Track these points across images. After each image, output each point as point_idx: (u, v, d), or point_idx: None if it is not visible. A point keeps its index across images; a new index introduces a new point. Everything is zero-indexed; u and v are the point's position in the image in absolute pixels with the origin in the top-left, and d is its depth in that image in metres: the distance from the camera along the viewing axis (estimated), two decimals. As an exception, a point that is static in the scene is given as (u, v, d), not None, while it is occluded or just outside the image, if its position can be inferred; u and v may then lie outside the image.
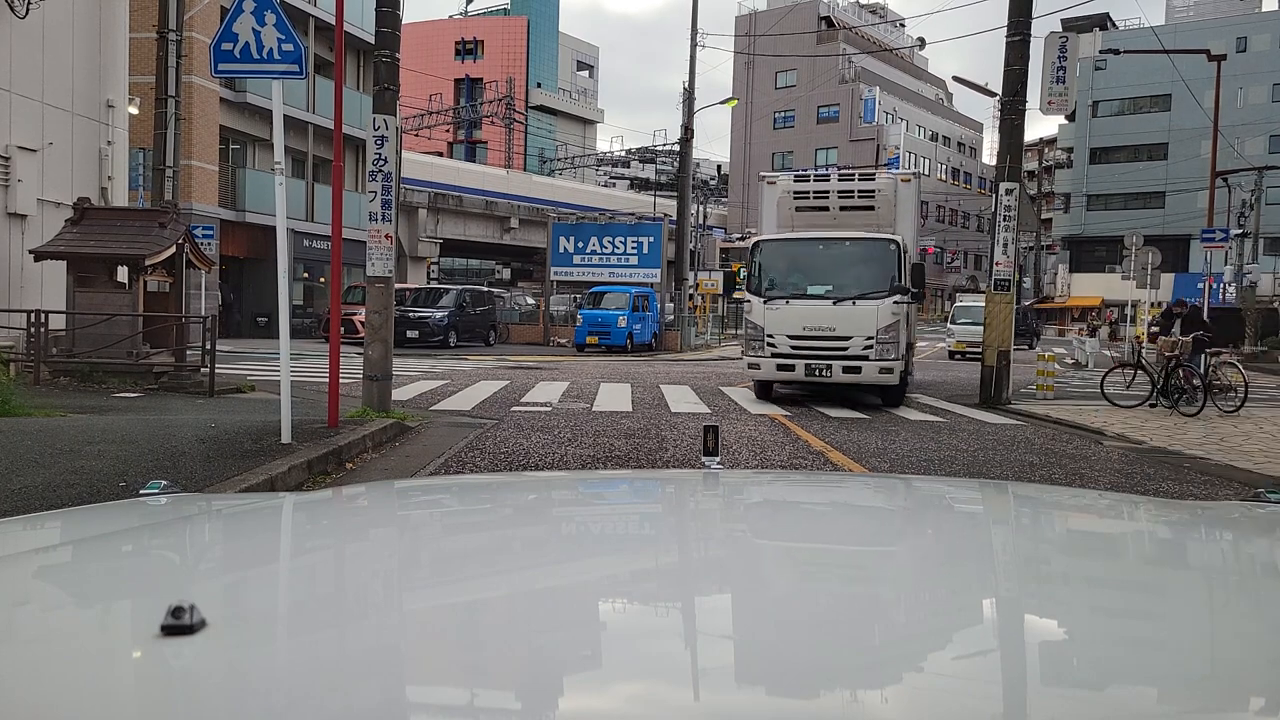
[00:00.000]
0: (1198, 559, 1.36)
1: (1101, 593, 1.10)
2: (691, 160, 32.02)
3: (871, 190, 13.73)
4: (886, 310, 12.21)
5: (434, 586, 1.11)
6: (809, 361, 12.41)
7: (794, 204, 13.84)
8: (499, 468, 7.48)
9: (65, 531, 1.39)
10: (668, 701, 0.75)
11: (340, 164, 9.05)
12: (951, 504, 1.77)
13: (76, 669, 0.76)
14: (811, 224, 13.62)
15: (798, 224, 13.72)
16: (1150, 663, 0.85)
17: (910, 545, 1.42)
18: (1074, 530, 1.55)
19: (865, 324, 12.22)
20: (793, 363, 12.46)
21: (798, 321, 12.37)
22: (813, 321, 12.32)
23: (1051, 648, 0.89)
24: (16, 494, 5.23)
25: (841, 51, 59.30)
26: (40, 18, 12.95)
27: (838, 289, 12.50)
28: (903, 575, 1.19)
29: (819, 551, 1.33)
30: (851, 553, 1.32)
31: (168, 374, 12.17)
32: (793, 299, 12.48)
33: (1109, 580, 1.17)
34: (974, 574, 1.20)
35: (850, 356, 12.28)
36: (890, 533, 1.52)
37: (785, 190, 14.01)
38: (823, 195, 13.86)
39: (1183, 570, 1.28)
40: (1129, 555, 1.37)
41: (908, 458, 8.56)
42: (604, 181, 68.71)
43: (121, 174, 15.33)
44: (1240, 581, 1.21)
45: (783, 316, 12.46)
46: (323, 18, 27.99)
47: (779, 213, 13.98)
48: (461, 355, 23.08)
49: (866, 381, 12.40)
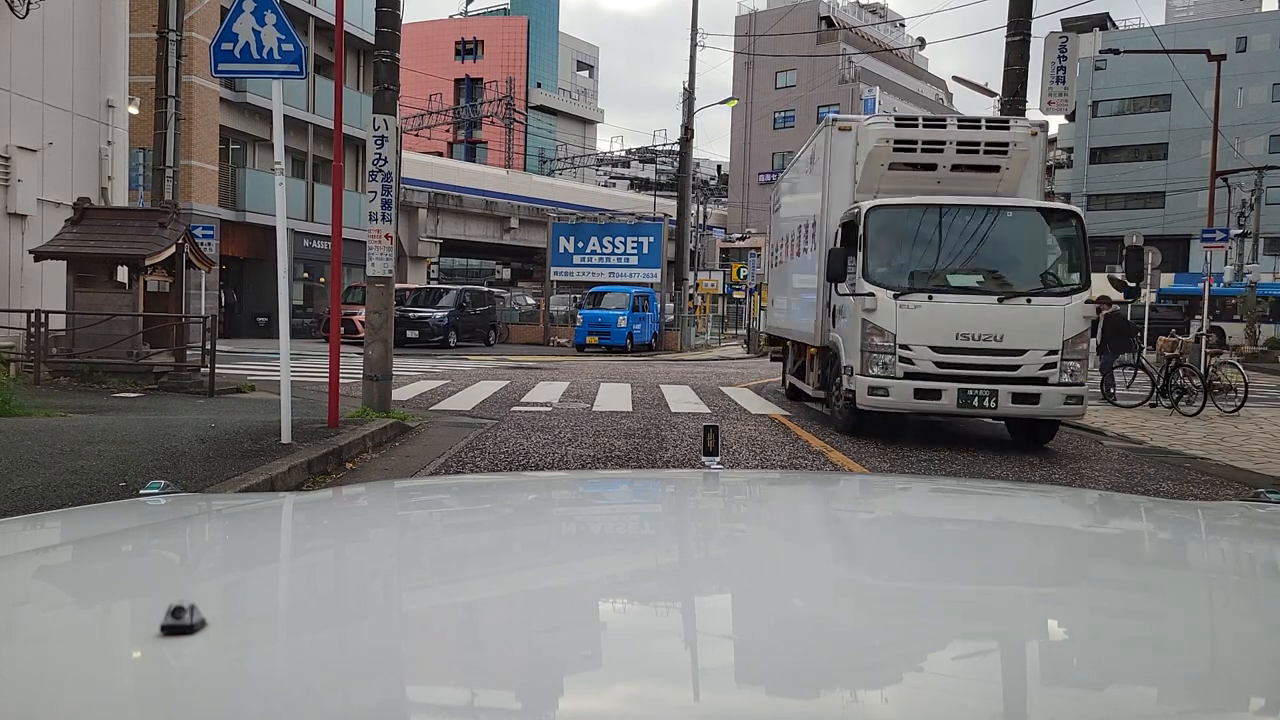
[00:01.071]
0: (1198, 559, 1.36)
1: (1101, 593, 1.10)
2: (691, 160, 32.04)
3: (1004, 145, 9.91)
4: (1076, 313, 8.80)
5: (434, 586, 1.11)
6: (964, 386, 8.66)
7: (890, 159, 9.94)
8: (499, 468, 7.48)
9: (65, 531, 1.39)
10: (668, 701, 0.75)
11: (340, 164, 9.05)
12: (951, 504, 1.77)
13: (76, 669, 0.76)
14: (908, 186, 9.78)
15: (887, 187, 9.86)
16: (1150, 663, 0.85)
17: (910, 545, 1.42)
18: (1074, 530, 1.55)
19: (1048, 332, 8.73)
20: (939, 387, 8.69)
21: (949, 327, 8.71)
22: (970, 327, 8.70)
23: (1051, 648, 0.89)
24: (16, 494, 5.23)
25: (841, 51, 59.29)
26: (40, 18, 12.95)
27: (999, 281, 9.07)
28: (902, 575, 1.19)
29: (819, 551, 1.33)
30: (851, 552, 1.32)
31: (168, 374, 12.17)
32: (939, 293, 8.81)
33: (1109, 580, 1.17)
34: (974, 574, 1.20)
35: (1024, 379, 8.70)
36: (890, 532, 1.52)
37: (881, 139, 9.93)
38: (935, 148, 9.89)
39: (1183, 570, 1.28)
40: (1129, 555, 1.37)
41: (907, 458, 8.56)
42: (604, 181, 68.70)
43: (121, 174, 15.33)
44: (1240, 581, 1.21)
45: (926, 319, 8.74)
46: (323, 18, 27.99)
47: (862, 171, 10.06)
48: (461, 355, 23.08)
49: (1045, 415, 8.98)
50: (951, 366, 8.73)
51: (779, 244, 14.88)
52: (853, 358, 9.11)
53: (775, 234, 15.58)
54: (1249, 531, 1.47)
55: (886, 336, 8.82)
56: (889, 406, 8.94)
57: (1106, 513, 1.72)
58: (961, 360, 8.72)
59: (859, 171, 10.09)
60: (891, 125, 10.17)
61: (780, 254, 14.58)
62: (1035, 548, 1.41)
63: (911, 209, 9.28)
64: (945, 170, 9.96)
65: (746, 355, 28.16)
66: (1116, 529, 1.55)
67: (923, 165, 9.98)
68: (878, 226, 9.13)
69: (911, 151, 9.92)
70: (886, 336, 8.82)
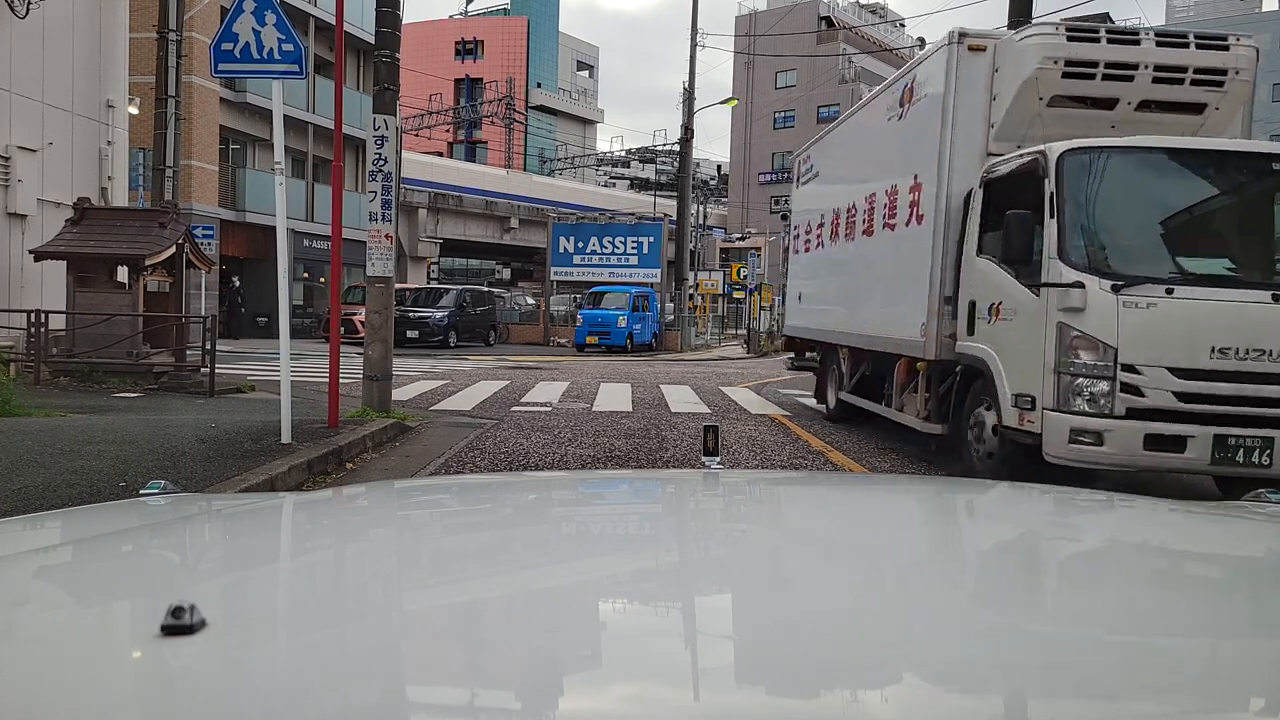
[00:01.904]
0: (1198, 559, 1.36)
1: (1101, 593, 1.10)
2: (691, 160, 32.03)
3: (1220, 74, 7.04)
4: None
5: (434, 586, 1.11)
6: (1225, 431, 5.71)
7: (1054, 89, 6.99)
8: (499, 468, 7.48)
9: (65, 531, 1.39)
10: (668, 701, 0.75)
11: (340, 164, 9.05)
12: (952, 504, 1.77)
13: (76, 669, 0.76)
14: (1070, 131, 6.70)
15: (1042, 132, 6.89)
16: (1150, 663, 0.85)
17: (910, 545, 1.42)
18: (1074, 530, 1.55)
19: None
20: (1184, 432, 5.72)
21: (1199, 337, 5.74)
22: (1233, 338, 5.72)
23: (1051, 648, 0.89)
24: (16, 494, 5.23)
25: (841, 51, 59.29)
26: (40, 18, 12.95)
27: (1272, 269, 6.22)
28: (903, 575, 1.19)
29: (819, 551, 1.33)
30: (852, 553, 1.32)
31: (168, 374, 12.17)
32: (1183, 285, 5.80)
33: (1109, 580, 1.17)
34: (974, 573, 1.20)
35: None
36: (890, 532, 1.51)
37: (1046, 58, 6.90)
38: (1122, 73, 6.93)
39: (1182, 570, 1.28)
40: (1129, 555, 1.37)
41: (907, 458, 8.56)
42: (604, 181, 68.70)
43: (121, 174, 15.33)
44: (1240, 581, 1.21)
45: (1163, 326, 5.78)
46: (323, 18, 27.99)
47: (1008, 109, 7.16)
48: (461, 355, 23.08)
49: None
50: (1203, 400, 5.72)
51: (811, 224, 11.85)
52: (1032, 382, 6.13)
53: (805, 211, 12.44)
54: (1249, 531, 1.47)
55: (1100, 351, 5.80)
56: (1103, 460, 5.85)
57: (1108, 513, 1.72)
58: (1220, 391, 5.71)
59: (999, 110, 7.18)
60: (1061, 38, 6.98)
61: (817, 235, 11.53)
62: (1036, 547, 1.41)
63: (1141, 155, 6.25)
64: (1128, 108, 7.04)
65: (746, 355, 28.17)
66: (1117, 529, 1.55)
67: (1098, 100, 7.02)
68: (1086, 181, 6.12)
69: (1088, 79, 6.94)
70: (1100, 351, 5.80)
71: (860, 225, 9.59)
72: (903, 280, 8.21)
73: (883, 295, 8.89)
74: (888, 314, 8.59)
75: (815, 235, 11.66)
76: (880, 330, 8.78)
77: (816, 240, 11.58)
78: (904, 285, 8.17)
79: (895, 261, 8.50)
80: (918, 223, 7.88)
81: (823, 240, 11.25)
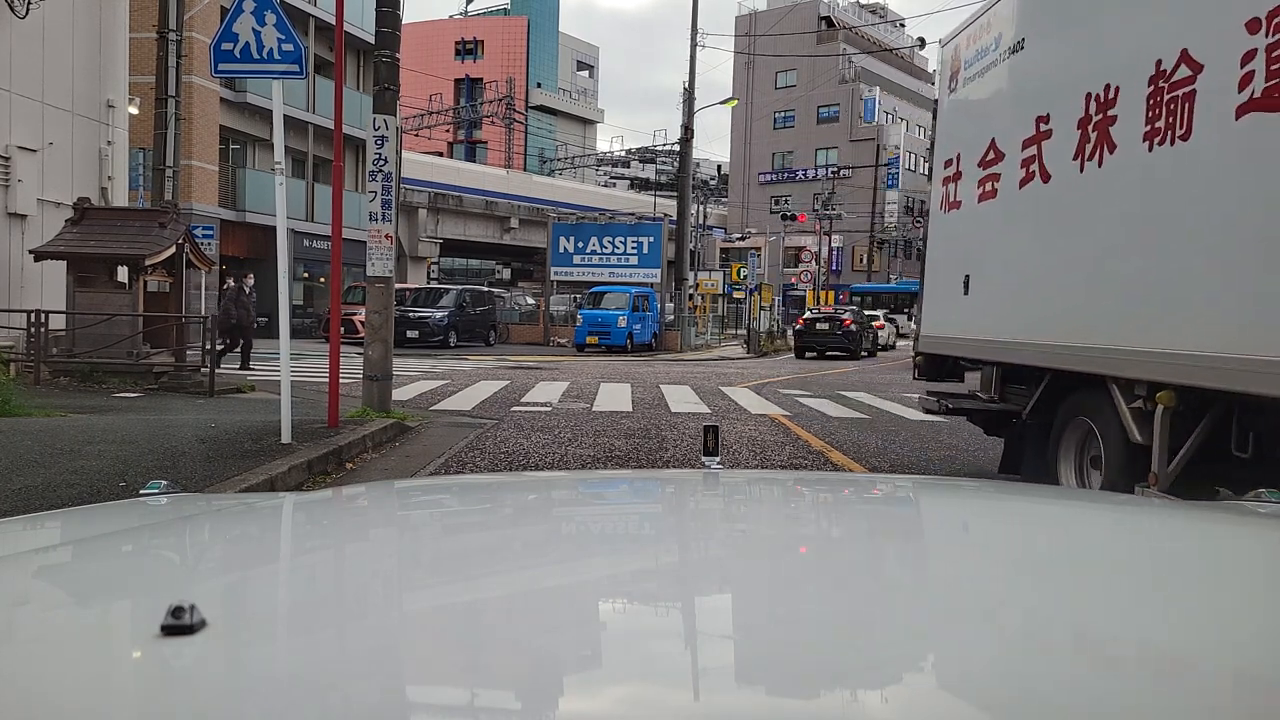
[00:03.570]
0: (1197, 559, 1.36)
1: (1101, 593, 1.10)
2: (691, 160, 32.03)
3: None
4: None
5: (434, 586, 1.11)
6: None
7: None
8: (499, 468, 7.48)
9: (65, 531, 1.39)
10: (668, 702, 0.75)
11: (340, 164, 9.05)
12: (952, 503, 1.77)
13: (76, 669, 0.76)
14: None
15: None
16: (1149, 663, 0.85)
17: (911, 545, 1.42)
18: (1074, 530, 1.55)
19: None
20: None
21: None
22: None
23: (1050, 648, 0.89)
24: (16, 494, 5.23)
25: (841, 51, 59.30)
26: (40, 18, 12.95)
27: None
28: (903, 575, 1.19)
29: (819, 551, 1.33)
30: (852, 552, 1.32)
31: (168, 374, 12.18)
32: None
33: (1109, 580, 1.17)
34: (974, 574, 1.20)
35: None
36: (891, 532, 1.51)
37: None
38: None
39: (1182, 570, 1.28)
40: (1129, 555, 1.37)
41: (907, 458, 8.56)
42: (604, 181, 68.73)
43: (121, 174, 15.34)
44: (1240, 581, 1.21)
45: None
46: (323, 18, 27.99)
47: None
48: (461, 355, 23.08)
49: None
50: None
51: (1002, 148, 6.35)
52: None
53: (981, 128, 6.86)
54: (1249, 531, 1.47)
55: None
56: None
57: (1107, 512, 1.72)
58: None
59: None
60: None
61: (1024, 165, 5.96)
62: (1035, 547, 1.41)
63: None
64: None
65: (746, 355, 28.16)
66: (1116, 529, 1.55)
67: None
68: None
69: None
70: None
71: (1176, 127, 4.38)
72: None
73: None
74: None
75: (1021, 165, 6.07)
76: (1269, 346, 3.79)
77: (1024, 173, 6.03)
78: None
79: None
80: None
81: (1047, 169, 5.74)
